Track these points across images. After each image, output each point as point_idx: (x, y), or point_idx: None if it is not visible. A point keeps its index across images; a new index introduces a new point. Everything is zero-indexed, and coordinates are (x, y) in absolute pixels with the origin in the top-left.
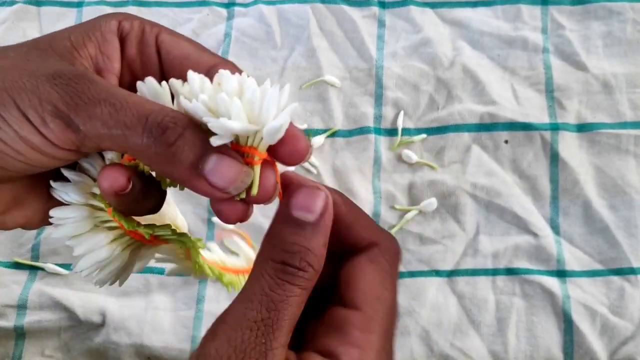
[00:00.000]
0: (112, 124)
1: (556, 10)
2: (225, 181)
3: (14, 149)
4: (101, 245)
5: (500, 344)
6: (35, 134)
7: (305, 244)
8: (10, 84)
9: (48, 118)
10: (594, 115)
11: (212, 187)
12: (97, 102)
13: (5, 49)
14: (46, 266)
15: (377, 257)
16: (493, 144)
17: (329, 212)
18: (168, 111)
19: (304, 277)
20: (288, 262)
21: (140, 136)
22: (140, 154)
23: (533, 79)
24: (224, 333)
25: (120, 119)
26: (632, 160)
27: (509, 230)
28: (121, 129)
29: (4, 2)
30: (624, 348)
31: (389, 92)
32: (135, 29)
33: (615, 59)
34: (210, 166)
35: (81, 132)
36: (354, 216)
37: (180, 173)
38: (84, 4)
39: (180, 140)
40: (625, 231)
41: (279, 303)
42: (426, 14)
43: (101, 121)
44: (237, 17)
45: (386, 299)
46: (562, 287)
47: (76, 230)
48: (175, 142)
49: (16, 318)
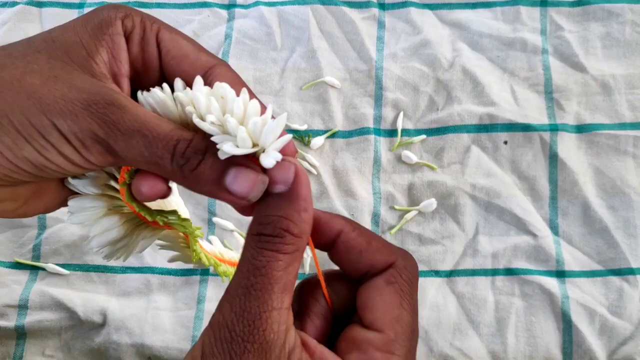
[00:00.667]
0: (147, 154)
1: (555, 11)
2: (246, 189)
3: (55, 163)
4: (115, 227)
5: (500, 344)
6: (76, 154)
7: (278, 212)
8: (47, 108)
9: (88, 142)
10: (592, 116)
11: (234, 196)
12: (132, 133)
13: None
14: (47, 266)
15: (394, 278)
16: (492, 144)
17: (301, 179)
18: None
19: (282, 242)
20: (262, 232)
21: (170, 164)
22: (171, 177)
23: (532, 80)
24: (226, 301)
25: (153, 151)
26: (630, 161)
27: (508, 231)
28: (154, 158)
29: (5, 3)
30: (622, 348)
31: (388, 93)
32: (137, 28)
33: (614, 60)
34: (229, 179)
35: (119, 157)
36: (365, 240)
37: (206, 189)
38: (85, 5)
39: (202, 165)
40: (624, 231)
41: (262, 268)
42: (426, 16)
43: (137, 151)
44: (237, 18)
45: (405, 319)
46: (561, 287)
47: (92, 217)
48: (198, 166)
49: (17, 318)
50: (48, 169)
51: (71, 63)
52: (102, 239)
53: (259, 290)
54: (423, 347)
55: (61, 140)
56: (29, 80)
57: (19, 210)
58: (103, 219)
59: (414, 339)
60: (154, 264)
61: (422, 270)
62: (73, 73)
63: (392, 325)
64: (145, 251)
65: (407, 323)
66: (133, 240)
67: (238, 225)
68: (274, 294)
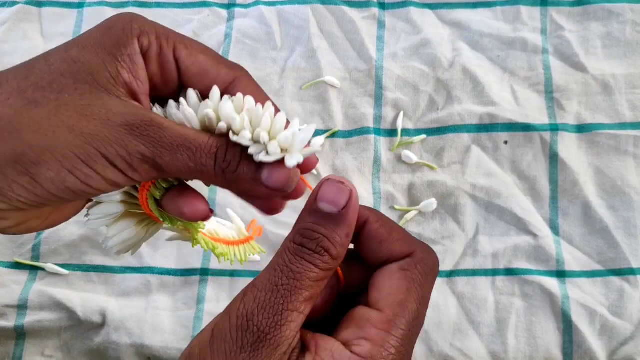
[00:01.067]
0: (193, 164)
1: (555, 11)
2: (281, 183)
3: (96, 188)
4: (130, 227)
5: (500, 344)
6: (121, 176)
7: (324, 232)
8: (91, 138)
9: (136, 164)
10: (593, 116)
11: (272, 190)
12: (177, 148)
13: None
14: (46, 266)
15: (408, 267)
16: (493, 144)
17: (353, 206)
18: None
19: (320, 259)
20: (305, 245)
21: (213, 170)
22: (213, 180)
23: (532, 80)
24: (252, 293)
25: (198, 161)
26: (631, 160)
27: (508, 231)
28: (199, 167)
29: (4, 3)
30: (623, 348)
31: (388, 92)
32: (154, 45)
33: (614, 60)
34: (265, 176)
35: (163, 170)
36: (386, 230)
37: (246, 187)
38: (84, 4)
39: (240, 166)
40: (624, 232)
41: (297, 274)
42: (426, 15)
43: (183, 163)
44: (237, 18)
45: (411, 306)
46: (562, 287)
47: (110, 220)
48: (237, 168)
49: (16, 318)
50: (87, 194)
51: (98, 87)
52: (118, 238)
53: (288, 290)
54: (423, 347)
55: (107, 167)
56: (65, 113)
57: (42, 226)
58: (119, 221)
59: (415, 327)
60: (153, 264)
61: None
62: (103, 98)
63: (394, 307)
64: (145, 251)
65: (410, 309)
66: (143, 236)
67: None
68: (301, 298)
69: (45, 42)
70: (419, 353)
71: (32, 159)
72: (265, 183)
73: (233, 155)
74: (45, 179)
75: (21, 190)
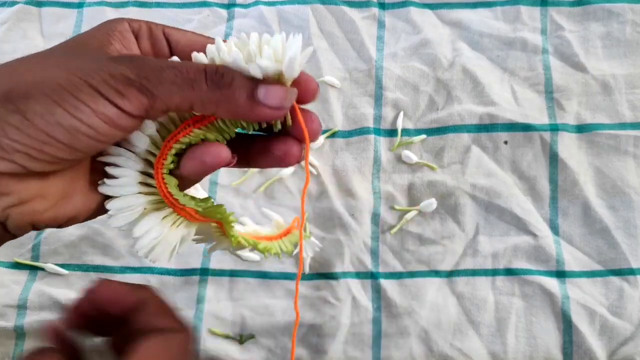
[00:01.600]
0: (180, 81)
1: (555, 11)
2: (278, 99)
3: (89, 125)
4: (156, 225)
5: (500, 344)
6: (110, 107)
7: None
8: (75, 70)
9: (121, 87)
10: (593, 116)
11: (270, 108)
12: (162, 68)
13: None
14: (46, 266)
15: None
16: (492, 144)
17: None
18: (217, 64)
19: None
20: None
21: (204, 84)
22: (207, 101)
23: (532, 80)
24: None
25: (185, 76)
26: (631, 161)
27: (508, 231)
28: (188, 83)
29: (4, 3)
30: (623, 348)
31: (388, 92)
32: (144, 28)
33: (614, 60)
34: (262, 93)
35: (153, 95)
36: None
37: (243, 106)
38: (84, 4)
39: (235, 80)
40: (624, 232)
41: None
42: (426, 15)
43: (170, 81)
44: (237, 18)
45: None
46: (562, 287)
47: (133, 217)
48: (232, 82)
49: (16, 318)
50: (82, 135)
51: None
52: (145, 240)
53: None
54: (423, 347)
55: (93, 95)
56: (54, 57)
57: (49, 213)
58: (143, 219)
59: None
60: (153, 264)
61: (422, 271)
62: (93, 52)
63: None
64: None
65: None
66: (172, 237)
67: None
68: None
69: (45, 42)
70: (419, 353)
71: (21, 94)
72: (263, 100)
73: (225, 69)
74: (35, 113)
75: (14, 133)
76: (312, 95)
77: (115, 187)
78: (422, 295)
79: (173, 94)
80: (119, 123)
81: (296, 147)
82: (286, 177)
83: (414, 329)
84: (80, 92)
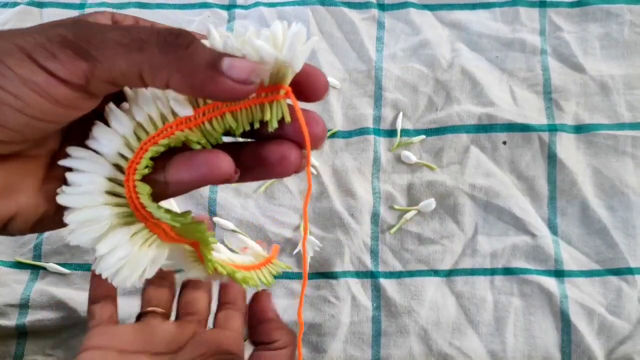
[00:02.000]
0: (127, 41)
1: (554, 12)
2: (245, 72)
3: (15, 95)
4: (124, 242)
5: (499, 344)
6: (40, 72)
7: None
8: (12, 35)
9: (56, 49)
10: (591, 117)
11: (235, 82)
12: (107, 29)
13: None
14: (48, 265)
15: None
16: (491, 145)
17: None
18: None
19: None
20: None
21: (156, 46)
22: (158, 64)
23: (531, 81)
24: None
25: (134, 36)
26: (629, 161)
27: (507, 231)
28: (136, 44)
29: (6, 4)
30: (621, 347)
31: (388, 93)
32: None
33: (612, 60)
34: (227, 64)
35: (93, 57)
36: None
37: (202, 76)
38: (86, 5)
39: (194, 43)
40: (622, 232)
41: None
42: (425, 16)
43: (115, 42)
44: (237, 19)
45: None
46: (560, 286)
47: (97, 233)
48: (190, 44)
49: (18, 317)
50: (8, 108)
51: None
52: (111, 259)
53: None
54: (422, 346)
55: (22, 59)
56: (6, 32)
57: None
58: (109, 234)
59: None
60: None
61: (421, 270)
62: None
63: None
64: None
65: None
66: (140, 258)
67: (238, 225)
68: None
69: None
70: (418, 352)
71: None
72: (226, 72)
73: (183, 31)
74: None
75: None
76: (322, 90)
77: (76, 195)
78: (421, 295)
79: (117, 57)
80: (52, 93)
81: (295, 152)
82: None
83: (413, 328)
84: (9, 57)
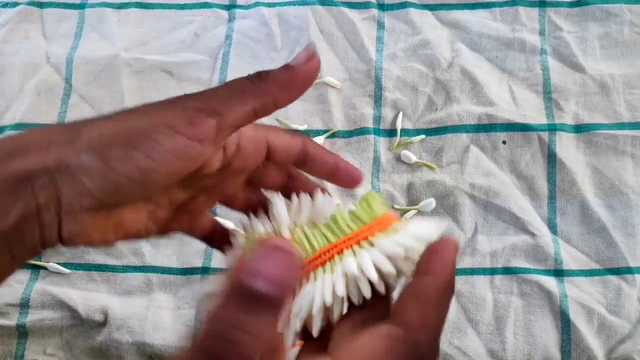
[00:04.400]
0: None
1: (554, 12)
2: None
3: (159, 162)
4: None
5: (498, 343)
6: (181, 139)
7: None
8: (154, 110)
9: (191, 115)
10: (591, 116)
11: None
12: (219, 88)
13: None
14: (49, 265)
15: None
16: (491, 144)
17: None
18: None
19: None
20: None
21: (251, 84)
22: (260, 94)
23: (531, 81)
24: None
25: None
26: (629, 160)
27: (506, 230)
28: (239, 90)
29: (6, 4)
30: (621, 347)
31: (388, 93)
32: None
33: (612, 60)
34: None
35: (220, 114)
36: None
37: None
38: (86, 5)
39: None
40: (622, 231)
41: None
42: (425, 16)
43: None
44: (237, 19)
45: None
46: (560, 286)
47: None
48: (268, 75)
49: (18, 317)
50: (155, 174)
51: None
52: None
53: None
54: None
55: (167, 132)
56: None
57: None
58: None
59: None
60: (155, 263)
61: None
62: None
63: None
64: (147, 250)
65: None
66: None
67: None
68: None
69: (47, 43)
70: None
71: (104, 143)
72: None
73: (263, 72)
74: (113, 158)
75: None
76: (357, 185)
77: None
78: None
79: (237, 110)
80: (189, 153)
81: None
82: None
83: None
84: (158, 134)
